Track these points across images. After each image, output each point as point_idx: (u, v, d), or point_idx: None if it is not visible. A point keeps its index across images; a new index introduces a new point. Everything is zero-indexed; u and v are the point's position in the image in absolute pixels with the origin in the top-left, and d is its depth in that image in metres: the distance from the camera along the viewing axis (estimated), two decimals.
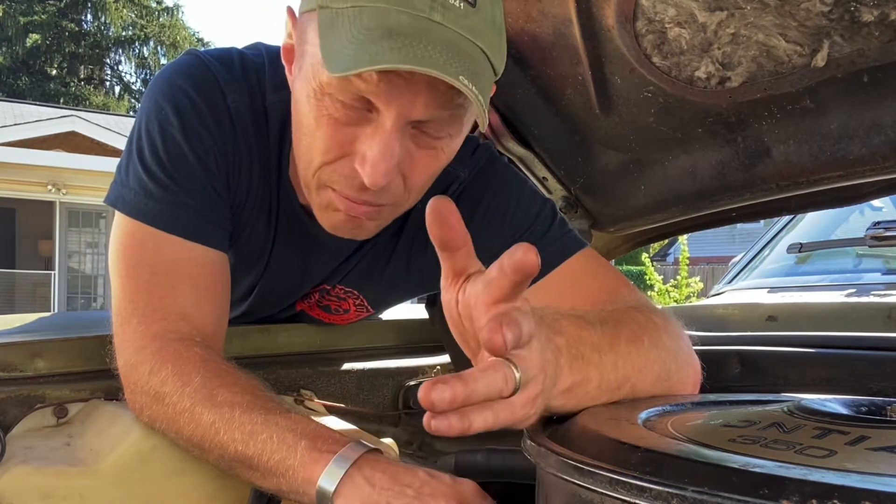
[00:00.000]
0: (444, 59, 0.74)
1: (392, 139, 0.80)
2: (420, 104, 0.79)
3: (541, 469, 0.58)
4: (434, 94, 0.78)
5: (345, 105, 0.80)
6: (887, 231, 1.54)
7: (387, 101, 0.78)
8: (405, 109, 0.79)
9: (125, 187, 0.94)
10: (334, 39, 0.76)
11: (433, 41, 0.74)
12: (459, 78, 0.74)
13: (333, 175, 0.86)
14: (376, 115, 0.80)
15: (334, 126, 0.82)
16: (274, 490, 0.76)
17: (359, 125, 0.81)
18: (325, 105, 0.81)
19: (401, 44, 0.73)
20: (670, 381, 0.78)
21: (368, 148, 0.81)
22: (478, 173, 1.06)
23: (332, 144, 0.83)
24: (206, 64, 0.96)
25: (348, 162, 0.84)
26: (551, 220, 1.03)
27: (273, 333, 1.21)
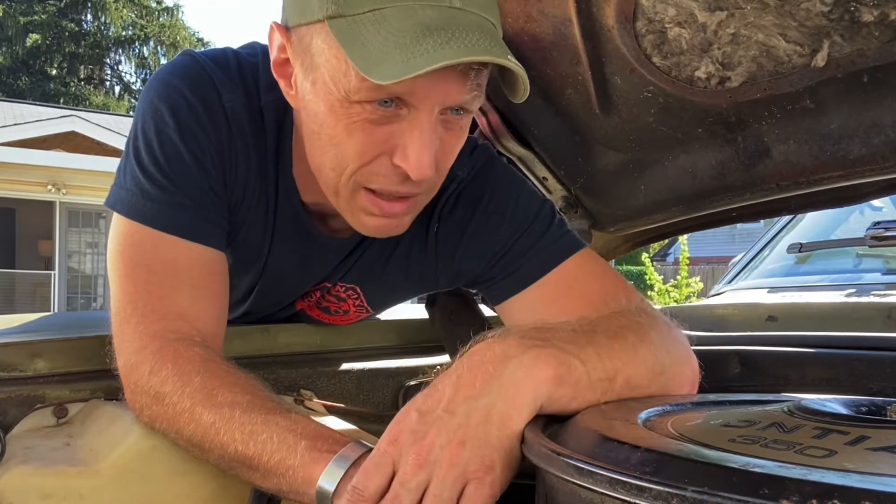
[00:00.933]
0: (486, 43, 0.76)
1: (431, 131, 0.82)
2: (453, 92, 0.80)
3: (541, 469, 0.58)
4: (463, 80, 0.80)
5: (378, 108, 0.80)
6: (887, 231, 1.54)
7: (422, 97, 0.80)
8: (438, 100, 0.81)
9: (123, 189, 0.94)
10: (363, 46, 0.76)
11: (468, 28, 0.76)
12: (508, 57, 0.77)
13: (371, 175, 0.86)
14: (408, 111, 0.81)
15: (368, 130, 0.82)
16: (274, 490, 0.76)
17: (392, 122, 0.82)
18: (356, 111, 0.81)
19: (444, 38, 0.74)
20: (666, 376, 0.79)
21: (409, 142, 0.82)
22: (477, 173, 1.06)
23: (368, 147, 0.84)
24: (202, 64, 0.96)
25: (385, 160, 0.84)
26: (550, 220, 1.03)
27: (273, 333, 1.21)
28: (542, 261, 1.01)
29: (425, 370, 1.31)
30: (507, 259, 1.03)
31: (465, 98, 0.82)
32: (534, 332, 0.72)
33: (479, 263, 1.05)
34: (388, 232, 0.94)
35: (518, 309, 1.03)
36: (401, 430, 0.66)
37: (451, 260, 1.07)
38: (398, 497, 0.63)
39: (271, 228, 1.04)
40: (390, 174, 0.85)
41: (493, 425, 0.64)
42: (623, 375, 0.73)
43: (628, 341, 0.77)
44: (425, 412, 0.66)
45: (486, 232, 1.03)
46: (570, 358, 0.69)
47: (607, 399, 0.72)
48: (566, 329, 0.75)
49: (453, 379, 0.67)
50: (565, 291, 0.99)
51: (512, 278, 1.02)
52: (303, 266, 1.10)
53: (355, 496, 0.64)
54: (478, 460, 0.63)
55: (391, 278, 1.12)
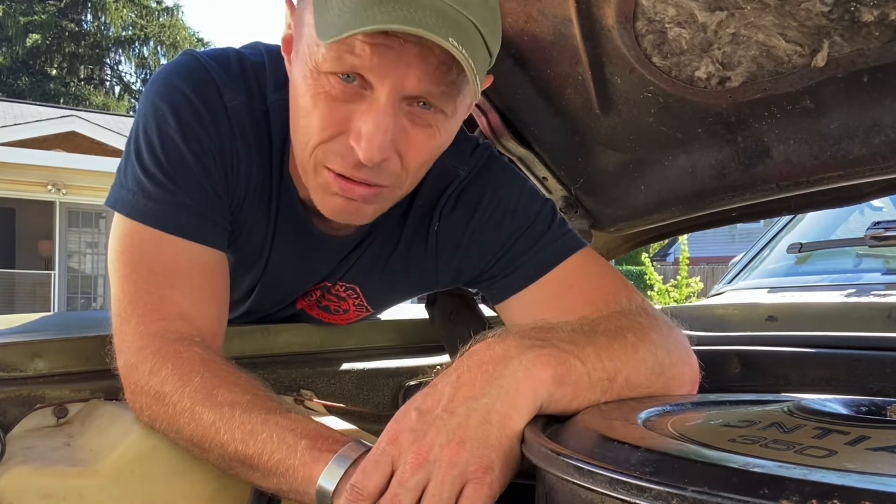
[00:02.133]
0: (434, 22, 0.75)
1: (386, 114, 0.81)
2: (413, 77, 0.80)
3: (541, 469, 0.58)
4: (426, 67, 0.79)
5: (340, 82, 0.81)
6: (887, 231, 1.54)
7: (380, 75, 0.79)
8: (398, 83, 0.80)
9: (124, 188, 0.94)
10: (327, 13, 0.78)
11: (423, 6, 0.75)
12: (449, 39, 0.75)
13: (329, 153, 0.86)
14: (370, 92, 0.81)
15: (331, 103, 0.83)
16: (274, 490, 0.76)
17: (354, 102, 0.82)
18: (322, 83, 0.82)
19: (390, 7, 0.74)
20: (666, 376, 0.79)
21: (363, 123, 0.82)
22: (477, 172, 1.06)
23: (329, 122, 0.84)
24: (203, 64, 0.96)
25: (344, 139, 0.84)
26: (551, 220, 1.03)
27: (273, 333, 1.21)
28: (542, 260, 1.01)
29: (425, 370, 1.31)
30: (507, 258, 1.03)
31: (428, 88, 0.81)
32: (533, 332, 0.72)
33: (479, 262, 1.05)
34: (349, 216, 0.93)
35: (518, 308, 1.03)
36: (400, 430, 0.66)
37: (451, 259, 1.07)
38: (397, 496, 0.63)
39: (273, 227, 1.04)
40: (347, 155, 0.85)
41: (493, 425, 0.64)
42: (623, 375, 0.73)
43: (628, 341, 0.77)
44: (425, 411, 0.66)
45: (487, 231, 1.03)
46: (570, 358, 0.69)
47: (607, 399, 0.72)
48: (566, 329, 0.75)
49: (453, 379, 0.67)
50: (566, 291, 0.99)
51: (512, 277, 1.02)
52: (304, 265, 1.10)
53: (354, 495, 0.64)
54: (477, 460, 0.63)
55: (391, 277, 1.12)
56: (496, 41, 0.86)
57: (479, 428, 0.64)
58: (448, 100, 0.84)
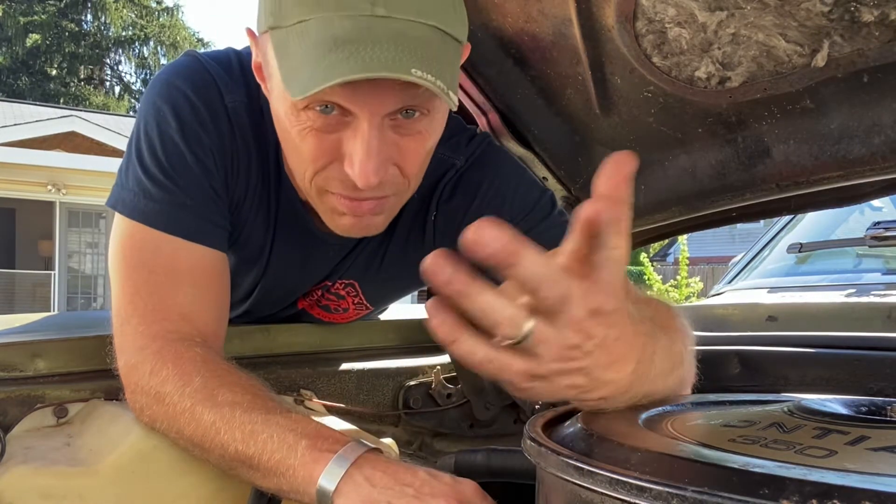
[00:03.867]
0: (393, 57, 0.74)
1: (372, 137, 0.81)
2: (390, 99, 0.80)
3: (541, 469, 0.58)
4: (400, 86, 0.79)
5: (321, 115, 0.81)
6: (887, 231, 1.54)
7: (356, 104, 0.80)
8: (376, 107, 0.80)
9: (125, 189, 0.94)
10: (289, 60, 0.78)
11: (378, 40, 0.75)
12: (412, 71, 0.75)
13: (329, 180, 0.87)
14: (352, 118, 0.81)
15: (317, 136, 0.83)
16: (274, 490, 0.77)
17: (339, 130, 0.83)
18: (303, 119, 0.82)
19: (347, 53, 0.74)
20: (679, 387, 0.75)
21: (353, 150, 0.82)
22: (475, 161, 1.06)
23: (319, 154, 0.85)
24: (204, 65, 0.97)
25: (338, 165, 0.85)
26: (550, 208, 1.03)
27: (273, 333, 1.21)
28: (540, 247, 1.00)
29: (425, 370, 1.31)
30: None
31: (408, 100, 0.81)
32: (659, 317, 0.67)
33: None
34: (362, 231, 0.95)
35: None
36: None
37: (449, 248, 1.06)
38: None
39: (273, 227, 1.04)
40: (345, 179, 0.85)
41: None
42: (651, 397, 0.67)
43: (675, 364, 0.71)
44: None
45: None
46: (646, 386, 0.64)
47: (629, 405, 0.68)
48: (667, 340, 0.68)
49: None
50: None
51: None
52: (304, 265, 1.10)
53: None
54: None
55: (389, 270, 1.12)
56: (462, 24, 0.85)
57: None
58: (428, 100, 0.84)
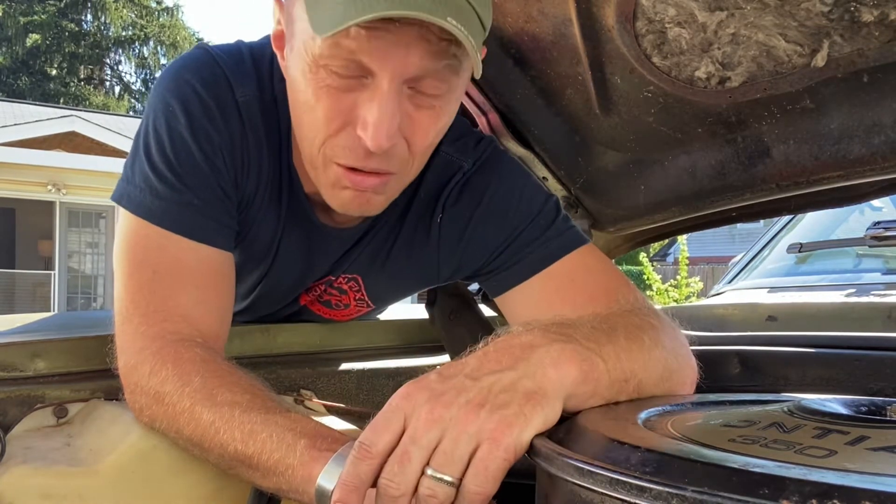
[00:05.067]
0: (430, 3, 0.74)
1: (390, 99, 0.80)
2: (413, 59, 0.79)
3: (541, 469, 0.58)
4: (426, 47, 0.78)
5: (340, 73, 0.80)
6: (887, 231, 1.54)
7: (380, 60, 0.78)
8: (399, 67, 0.79)
9: (131, 184, 0.93)
10: (321, 5, 0.77)
11: None
12: (448, 19, 0.74)
13: (337, 148, 0.86)
14: (372, 80, 0.80)
15: (333, 96, 0.82)
16: (273, 489, 0.76)
17: (357, 91, 0.82)
18: (321, 77, 0.81)
19: None
20: (672, 382, 0.78)
21: (368, 111, 0.81)
22: (482, 164, 1.05)
23: (334, 114, 0.83)
24: (215, 58, 0.96)
25: (351, 131, 0.84)
26: (555, 215, 1.03)
27: (273, 333, 1.21)
28: (544, 253, 1.00)
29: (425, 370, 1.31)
30: (510, 251, 1.02)
31: (429, 67, 0.80)
32: (557, 327, 0.70)
33: (481, 255, 1.05)
34: (361, 208, 0.93)
35: (519, 301, 1.02)
36: (417, 387, 0.62)
37: (453, 251, 1.07)
38: (407, 454, 0.59)
39: (282, 222, 1.03)
40: (356, 147, 0.84)
41: (518, 394, 0.60)
42: (637, 379, 0.72)
43: (644, 344, 0.75)
44: (446, 376, 0.62)
45: (490, 224, 1.03)
46: (593, 356, 0.67)
47: (618, 400, 0.71)
48: (587, 326, 0.73)
49: (479, 355, 0.65)
50: (568, 285, 0.99)
51: (514, 269, 1.02)
52: (309, 259, 1.10)
53: (362, 453, 0.60)
54: (495, 421, 0.59)
55: (393, 268, 1.12)
56: (488, 14, 0.85)
57: (502, 393, 0.60)
58: (449, 75, 0.83)
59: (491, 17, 0.87)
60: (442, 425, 0.59)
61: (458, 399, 0.60)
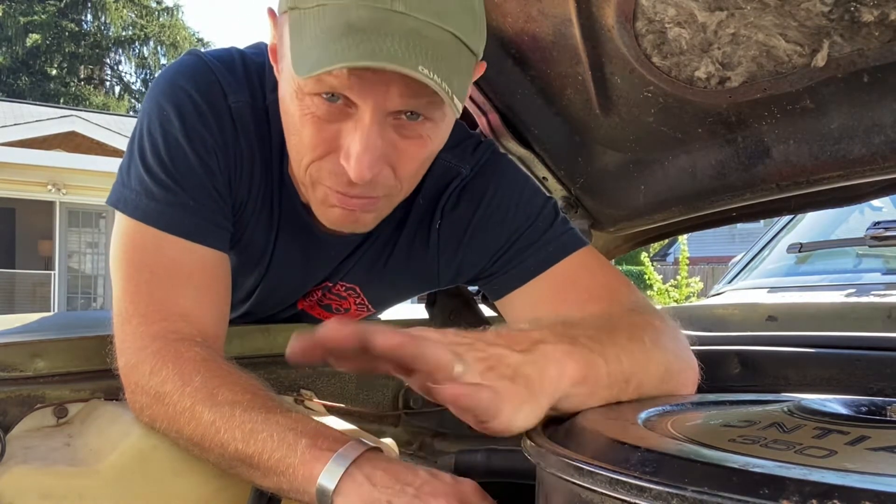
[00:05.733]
0: (403, 51, 0.75)
1: (372, 132, 0.81)
2: (394, 95, 0.80)
3: (541, 469, 0.58)
4: (406, 84, 0.79)
5: (325, 102, 0.81)
6: (887, 231, 1.54)
7: (361, 95, 0.79)
8: (380, 101, 0.80)
9: (127, 188, 0.94)
10: (301, 41, 0.79)
11: (392, 33, 0.75)
12: (419, 68, 0.75)
13: (322, 172, 0.87)
14: (355, 110, 0.81)
15: (318, 124, 0.83)
16: (274, 489, 0.76)
17: (340, 121, 0.83)
18: (307, 104, 0.82)
19: (358, 40, 0.74)
20: (672, 382, 0.79)
21: (351, 143, 0.82)
22: (480, 170, 1.06)
23: (318, 142, 0.85)
24: (208, 64, 0.96)
25: (335, 157, 0.85)
26: (553, 217, 1.03)
27: (273, 333, 1.21)
28: (544, 256, 1.01)
29: None
30: (509, 255, 1.03)
31: (411, 103, 0.81)
32: (561, 328, 0.72)
33: (481, 259, 1.05)
34: (350, 226, 0.94)
35: (519, 304, 1.03)
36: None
37: (453, 256, 1.07)
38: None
39: (275, 229, 1.04)
40: (340, 173, 0.85)
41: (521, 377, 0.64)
42: (637, 380, 0.73)
43: (645, 345, 0.76)
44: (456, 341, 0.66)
45: (489, 228, 1.03)
46: (594, 357, 0.69)
47: (618, 400, 0.72)
48: (590, 326, 0.75)
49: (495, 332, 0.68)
50: (568, 287, 0.99)
51: (514, 273, 1.02)
52: (305, 266, 1.10)
53: None
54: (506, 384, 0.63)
55: (392, 276, 1.12)
56: (480, 38, 0.86)
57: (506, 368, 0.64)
58: (434, 108, 0.84)
59: (483, 39, 0.87)
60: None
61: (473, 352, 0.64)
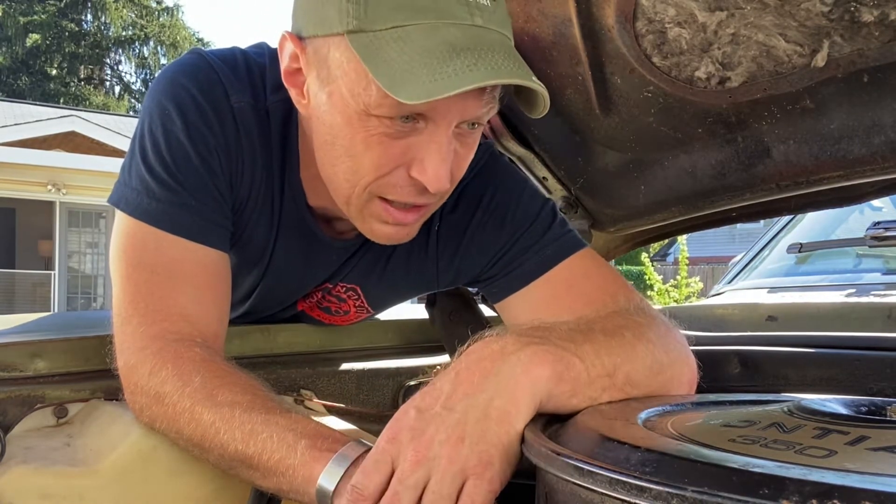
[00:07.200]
0: (510, 65, 0.78)
1: (448, 145, 0.83)
2: (470, 109, 0.82)
3: (541, 469, 0.58)
4: (480, 97, 0.81)
5: (396, 122, 0.81)
6: (887, 231, 1.54)
7: (444, 113, 0.81)
8: (457, 116, 0.82)
9: (128, 187, 0.94)
10: (387, 64, 0.76)
11: (493, 48, 0.78)
12: (532, 78, 0.78)
13: (387, 186, 0.87)
14: (425, 125, 0.82)
15: (386, 143, 0.83)
16: (274, 489, 0.76)
17: (409, 136, 0.83)
18: (373, 125, 0.82)
19: (472, 60, 0.75)
20: (664, 375, 0.79)
21: (427, 156, 0.83)
22: (478, 172, 1.06)
23: (386, 160, 0.84)
24: (210, 63, 0.96)
25: (402, 172, 0.85)
26: (552, 220, 1.03)
27: (273, 333, 1.21)
28: (542, 259, 1.01)
29: (425, 370, 1.31)
30: (507, 257, 1.03)
31: (481, 112, 0.84)
32: (531, 331, 0.73)
33: (479, 262, 1.05)
34: (398, 239, 0.95)
35: (518, 307, 1.03)
36: (399, 428, 0.66)
37: (451, 259, 1.07)
38: (397, 495, 0.63)
39: (276, 229, 1.04)
40: (407, 185, 0.86)
41: (492, 421, 0.64)
42: (623, 371, 0.73)
43: (626, 339, 0.77)
44: (424, 409, 0.66)
45: (488, 231, 1.04)
46: (568, 355, 0.69)
47: (609, 396, 0.72)
48: (563, 328, 0.76)
49: (451, 376, 0.68)
50: (566, 290, 0.99)
51: (512, 276, 1.03)
52: (306, 267, 1.10)
53: (355, 495, 0.64)
54: (476, 456, 0.63)
55: (391, 278, 1.12)
56: None
57: (478, 424, 0.64)
58: (489, 115, 0.87)
59: None
60: (427, 465, 0.63)
61: (439, 435, 0.64)
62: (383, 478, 0.64)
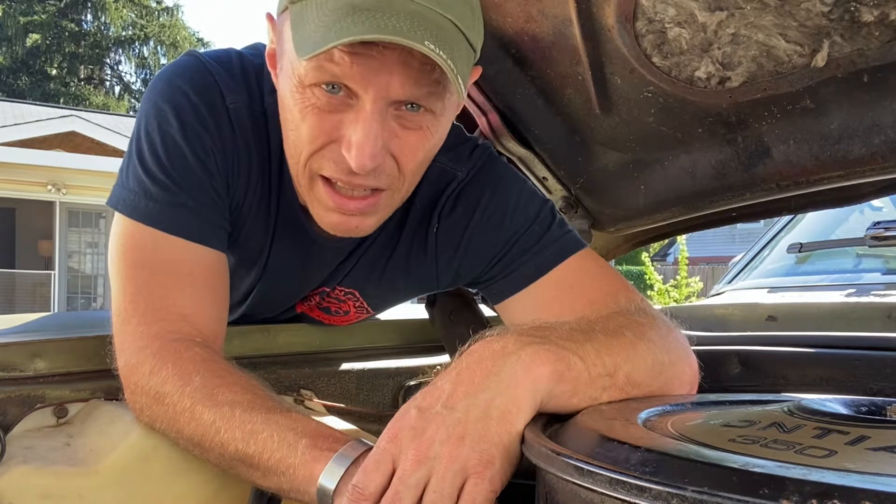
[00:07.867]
0: (409, 27, 0.76)
1: (373, 121, 0.82)
2: (396, 83, 0.81)
3: (541, 469, 0.58)
4: (408, 71, 0.80)
5: (325, 94, 0.82)
6: (887, 231, 1.54)
7: (363, 83, 0.80)
8: (382, 90, 0.81)
9: (125, 189, 0.94)
10: (304, 27, 0.79)
11: (396, 12, 0.76)
12: (425, 43, 0.76)
13: (322, 161, 0.87)
14: (356, 101, 0.82)
15: (318, 115, 0.84)
16: (274, 489, 0.77)
17: (342, 112, 0.83)
18: (307, 96, 0.83)
19: (364, 17, 0.75)
20: (665, 375, 0.79)
21: (353, 132, 0.83)
22: (476, 173, 1.06)
23: (318, 133, 0.85)
24: (206, 65, 0.96)
25: (336, 147, 0.86)
26: (551, 220, 1.03)
27: (273, 333, 1.21)
28: (542, 260, 1.01)
29: (425, 370, 1.31)
30: (507, 259, 1.03)
31: (412, 92, 0.82)
32: (532, 331, 0.73)
33: (479, 264, 1.05)
34: (349, 230, 0.94)
35: (518, 308, 1.03)
36: (400, 427, 0.66)
37: (450, 261, 1.07)
38: (398, 494, 0.63)
39: (272, 229, 1.04)
40: (341, 162, 0.86)
41: (493, 420, 0.64)
42: (623, 371, 0.73)
43: (627, 339, 0.77)
44: (424, 409, 0.66)
45: (486, 232, 1.03)
46: (569, 354, 0.69)
47: (610, 396, 0.72)
48: (564, 328, 0.75)
49: (452, 376, 0.68)
50: (566, 291, 0.99)
51: (512, 277, 1.03)
52: (303, 268, 1.10)
53: (356, 495, 0.64)
54: (477, 455, 0.63)
55: (390, 280, 1.12)
56: (478, 35, 0.87)
57: (478, 423, 0.64)
58: (435, 99, 0.85)
59: (481, 38, 0.89)
60: (428, 464, 0.63)
61: (439, 434, 0.63)
62: (384, 477, 0.64)
